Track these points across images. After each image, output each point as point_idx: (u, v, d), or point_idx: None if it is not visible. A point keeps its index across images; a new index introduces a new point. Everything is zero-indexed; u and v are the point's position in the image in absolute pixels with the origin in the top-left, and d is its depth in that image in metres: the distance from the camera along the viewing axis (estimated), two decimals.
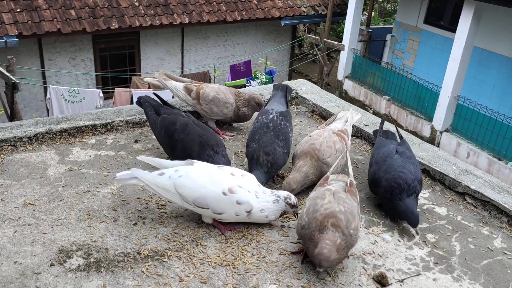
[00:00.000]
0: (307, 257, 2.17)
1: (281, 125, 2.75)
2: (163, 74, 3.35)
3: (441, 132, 10.82)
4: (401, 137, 2.89)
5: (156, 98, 2.99)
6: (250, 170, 2.62)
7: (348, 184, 2.31)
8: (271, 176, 2.64)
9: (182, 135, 2.65)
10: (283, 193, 2.34)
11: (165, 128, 2.71)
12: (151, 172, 2.31)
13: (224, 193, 2.22)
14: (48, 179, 2.63)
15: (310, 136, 2.80)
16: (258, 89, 3.94)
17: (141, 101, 2.95)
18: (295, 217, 2.40)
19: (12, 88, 8.23)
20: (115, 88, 10.47)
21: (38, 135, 2.98)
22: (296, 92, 3.89)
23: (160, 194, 2.29)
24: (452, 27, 11.51)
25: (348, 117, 2.99)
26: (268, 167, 2.57)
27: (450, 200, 2.75)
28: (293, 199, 2.35)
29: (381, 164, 2.57)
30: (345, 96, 13.56)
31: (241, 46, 14.13)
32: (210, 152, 2.59)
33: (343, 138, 2.76)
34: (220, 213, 2.25)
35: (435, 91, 11.02)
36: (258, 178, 2.46)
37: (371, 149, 3.26)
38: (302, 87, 3.99)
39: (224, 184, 2.24)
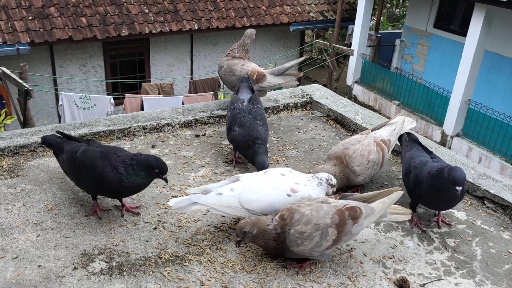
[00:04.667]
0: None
1: (254, 108, 2.97)
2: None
3: (451, 137, 10.75)
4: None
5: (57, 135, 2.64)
6: (246, 155, 2.85)
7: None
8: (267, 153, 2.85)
9: (82, 157, 2.34)
10: (324, 175, 2.38)
11: (68, 160, 2.42)
12: (206, 194, 2.27)
13: (288, 195, 2.27)
14: (68, 184, 2.65)
15: (350, 139, 2.79)
16: (272, 94, 3.96)
17: (47, 143, 2.62)
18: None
19: (25, 95, 8.31)
20: (126, 95, 10.54)
21: None
22: (311, 97, 3.90)
23: (225, 213, 2.26)
24: (462, 31, 11.47)
25: (399, 124, 2.86)
26: (263, 148, 2.80)
27: (469, 205, 2.73)
28: (333, 180, 2.39)
29: (420, 168, 2.47)
30: (354, 101, 13.52)
31: (250, 51, 14.10)
32: (116, 158, 2.30)
33: (382, 149, 2.70)
34: None
35: (445, 96, 10.97)
36: (264, 161, 2.72)
37: (392, 157, 3.24)
38: (316, 92, 3.99)
39: (285, 186, 2.29)
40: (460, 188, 2.23)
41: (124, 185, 2.27)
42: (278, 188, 2.29)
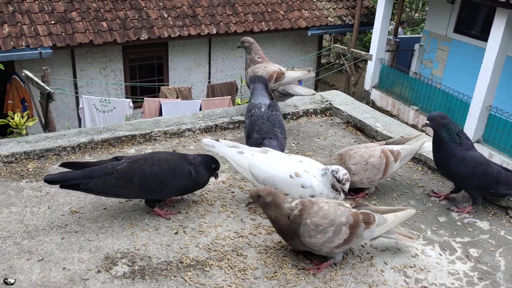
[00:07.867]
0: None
1: (273, 115, 3.01)
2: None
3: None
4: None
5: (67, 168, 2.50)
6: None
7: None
8: None
9: (171, 165, 2.45)
10: (333, 167, 2.41)
11: (139, 175, 2.38)
12: (232, 148, 2.59)
13: (291, 176, 2.43)
14: None
15: (361, 144, 2.90)
16: (292, 100, 3.96)
17: (62, 180, 2.36)
18: (344, 195, 2.41)
19: (47, 97, 8.48)
20: (145, 98, 10.66)
21: (81, 144, 3.06)
22: (330, 103, 3.90)
23: (235, 168, 2.57)
24: (483, 36, 11.31)
25: (417, 143, 2.87)
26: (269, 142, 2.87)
27: (492, 214, 2.69)
28: (341, 172, 2.35)
29: None
30: (372, 106, 13.43)
31: (268, 56, 13.98)
32: (193, 160, 2.52)
33: (387, 156, 2.69)
34: (286, 194, 2.34)
35: (465, 102, 10.83)
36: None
37: (413, 165, 3.20)
38: (336, 98, 3.99)
39: (292, 168, 2.44)
40: None
41: (201, 182, 2.56)
42: (285, 166, 2.46)
